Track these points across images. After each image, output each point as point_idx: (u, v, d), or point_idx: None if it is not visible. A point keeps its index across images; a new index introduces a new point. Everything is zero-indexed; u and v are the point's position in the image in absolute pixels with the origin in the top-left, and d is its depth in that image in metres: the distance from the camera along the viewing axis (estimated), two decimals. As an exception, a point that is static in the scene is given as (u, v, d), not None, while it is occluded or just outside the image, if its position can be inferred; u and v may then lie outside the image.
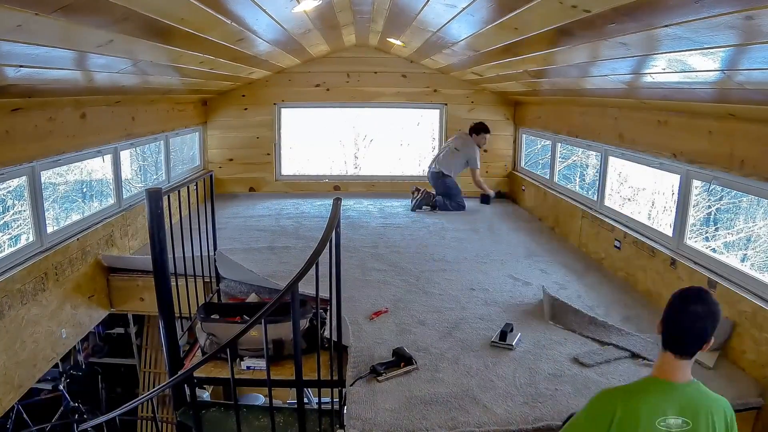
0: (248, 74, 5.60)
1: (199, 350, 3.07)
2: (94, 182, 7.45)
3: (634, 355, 2.74)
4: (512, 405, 2.33)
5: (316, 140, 11.00)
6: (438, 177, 5.95)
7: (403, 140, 11.61)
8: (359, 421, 2.21)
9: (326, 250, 2.35)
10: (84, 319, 3.64)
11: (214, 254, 3.78)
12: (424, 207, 5.84)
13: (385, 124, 11.21)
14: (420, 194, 5.88)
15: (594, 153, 4.84)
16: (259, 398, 5.09)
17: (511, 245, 4.65)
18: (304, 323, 2.97)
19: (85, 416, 4.68)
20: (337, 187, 6.76)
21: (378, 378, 2.50)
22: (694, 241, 3.46)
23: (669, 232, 3.39)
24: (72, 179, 7.10)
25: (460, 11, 2.86)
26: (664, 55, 2.30)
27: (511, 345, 2.82)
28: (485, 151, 6.27)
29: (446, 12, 3.06)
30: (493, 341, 2.88)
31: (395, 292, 3.57)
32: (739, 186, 2.90)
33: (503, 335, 2.87)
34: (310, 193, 6.61)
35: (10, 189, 5.67)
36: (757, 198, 4.80)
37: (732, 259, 5.87)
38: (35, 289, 3.08)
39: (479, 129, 6.01)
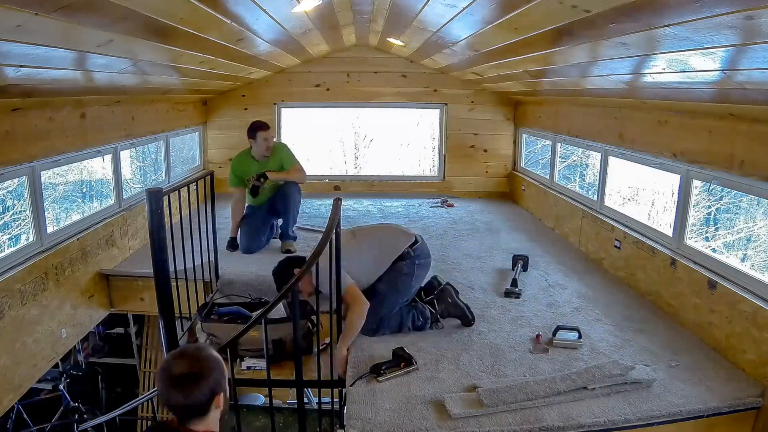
0: (248, 74, 5.59)
1: (199, 350, 3.07)
2: (94, 182, 7.44)
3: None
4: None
5: (316, 140, 11.01)
6: None
7: (403, 140, 11.62)
8: (359, 421, 2.21)
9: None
10: (84, 319, 3.64)
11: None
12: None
13: (385, 124, 11.22)
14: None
15: (594, 153, 4.83)
16: (259, 398, 5.08)
17: (511, 245, 4.65)
18: (303, 323, 2.97)
19: (85, 416, 4.68)
20: (337, 187, 6.76)
21: (378, 378, 2.50)
22: (694, 240, 3.46)
23: (669, 232, 3.39)
24: (72, 179, 7.10)
25: (460, 11, 2.86)
26: (664, 55, 2.30)
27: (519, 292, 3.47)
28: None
29: (446, 12, 3.05)
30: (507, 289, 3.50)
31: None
32: (739, 186, 2.90)
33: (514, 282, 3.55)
34: (310, 193, 6.60)
35: (10, 189, 5.66)
36: (757, 198, 4.79)
37: (732, 259, 5.86)
38: (35, 289, 3.08)
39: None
